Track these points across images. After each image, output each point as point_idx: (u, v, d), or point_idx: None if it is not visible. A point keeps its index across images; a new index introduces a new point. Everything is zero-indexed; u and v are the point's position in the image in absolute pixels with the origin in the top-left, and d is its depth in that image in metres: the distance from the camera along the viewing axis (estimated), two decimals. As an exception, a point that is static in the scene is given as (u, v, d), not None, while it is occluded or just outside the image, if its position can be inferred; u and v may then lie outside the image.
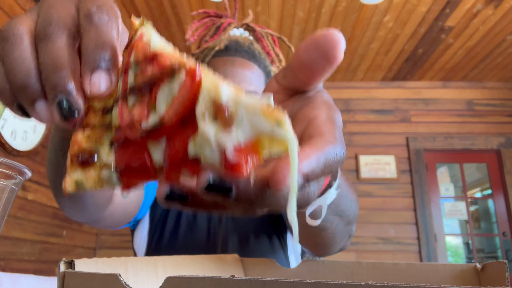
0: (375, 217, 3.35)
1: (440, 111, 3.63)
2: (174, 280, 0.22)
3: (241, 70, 0.70)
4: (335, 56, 0.22)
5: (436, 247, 3.28)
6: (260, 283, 0.20)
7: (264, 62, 0.76)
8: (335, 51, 0.22)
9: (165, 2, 2.61)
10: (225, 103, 0.16)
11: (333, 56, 0.22)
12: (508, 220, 3.34)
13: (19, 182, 0.42)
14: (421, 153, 3.49)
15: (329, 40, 0.21)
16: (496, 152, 3.50)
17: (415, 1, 2.59)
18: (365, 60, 3.36)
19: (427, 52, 3.19)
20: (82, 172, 0.20)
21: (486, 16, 2.72)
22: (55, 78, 0.20)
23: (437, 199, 3.43)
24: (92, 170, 0.20)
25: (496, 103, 3.63)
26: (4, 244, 2.14)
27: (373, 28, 2.89)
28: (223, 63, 0.71)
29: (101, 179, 0.20)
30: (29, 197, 2.35)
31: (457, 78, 3.64)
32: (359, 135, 3.59)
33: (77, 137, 0.21)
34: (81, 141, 0.21)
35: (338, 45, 0.22)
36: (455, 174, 3.81)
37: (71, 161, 0.20)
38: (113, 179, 0.20)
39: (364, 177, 3.44)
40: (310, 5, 2.64)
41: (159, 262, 0.37)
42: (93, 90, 0.20)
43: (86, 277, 0.26)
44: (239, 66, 0.71)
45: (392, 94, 3.70)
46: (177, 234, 0.72)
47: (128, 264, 0.33)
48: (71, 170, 0.20)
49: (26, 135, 2.28)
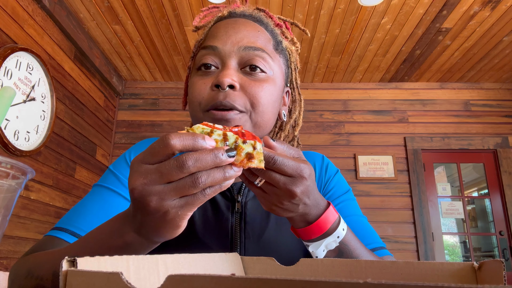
0: (373, 216, 3.38)
1: (437, 111, 3.66)
2: (175, 278, 0.23)
3: (244, 28, 0.65)
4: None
5: (433, 245, 3.31)
6: (260, 281, 0.20)
7: (272, 29, 0.70)
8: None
9: (166, 4, 2.63)
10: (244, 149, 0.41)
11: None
12: (505, 219, 3.38)
13: (23, 182, 0.42)
14: (419, 153, 3.53)
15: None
16: (492, 152, 3.53)
17: (413, 3, 2.61)
18: (363, 62, 3.38)
19: (424, 53, 3.22)
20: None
21: (482, 18, 2.75)
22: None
23: (434, 198, 3.47)
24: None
25: (493, 104, 3.67)
26: (7, 243, 2.16)
27: (371, 29, 2.92)
28: (224, 24, 0.67)
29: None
30: (32, 197, 2.37)
31: (454, 79, 3.67)
32: (358, 136, 3.62)
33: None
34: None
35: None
36: (452, 174, 3.84)
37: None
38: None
39: (362, 176, 3.47)
40: (309, 7, 2.67)
41: (160, 261, 0.37)
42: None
43: (88, 276, 0.26)
44: (242, 25, 0.66)
45: (390, 95, 3.73)
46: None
47: (129, 263, 0.33)
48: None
49: (29, 135, 2.29)
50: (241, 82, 0.62)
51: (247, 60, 0.63)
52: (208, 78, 0.63)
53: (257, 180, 0.46)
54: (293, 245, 0.69)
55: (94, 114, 3.22)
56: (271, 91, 0.64)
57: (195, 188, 0.37)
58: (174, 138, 0.37)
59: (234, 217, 0.68)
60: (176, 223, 0.39)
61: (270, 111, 0.64)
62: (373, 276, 0.43)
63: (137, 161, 0.38)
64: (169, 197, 0.37)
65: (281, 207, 0.48)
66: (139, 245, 0.43)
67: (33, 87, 2.33)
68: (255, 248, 0.67)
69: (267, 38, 0.67)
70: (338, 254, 0.54)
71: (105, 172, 0.69)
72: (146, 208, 0.37)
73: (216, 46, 0.64)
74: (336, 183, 0.75)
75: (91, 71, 3.15)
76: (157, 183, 0.37)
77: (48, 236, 0.59)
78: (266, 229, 0.68)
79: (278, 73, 0.67)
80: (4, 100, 0.47)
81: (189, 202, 0.37)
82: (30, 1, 2.32)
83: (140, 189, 0.37)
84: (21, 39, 2.24)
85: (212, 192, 0.38)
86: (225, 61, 0.63)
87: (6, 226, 0.42)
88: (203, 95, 0.62)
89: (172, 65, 3.47)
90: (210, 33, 0.68)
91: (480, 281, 0.39)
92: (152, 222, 0.39)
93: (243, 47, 0.63)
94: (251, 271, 0.50)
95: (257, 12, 0.72)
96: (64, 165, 2.73)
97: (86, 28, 2.91)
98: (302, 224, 0.52)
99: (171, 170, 0.36)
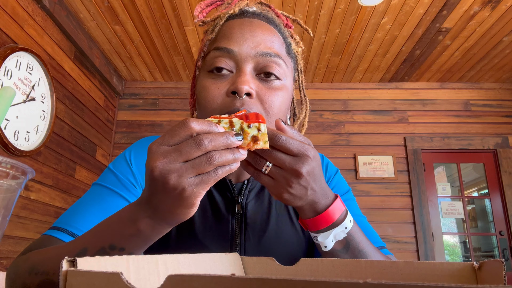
0: (373, 216, 3.38)
1: (437, 111, 3.66)
2: (175, 278, 0.23)
3: (260, 31, 0.63)
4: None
5: (433, 245, 3.31)
6: (260, 281, 0.20)
7: (284, 32, 0.69)
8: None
9: (166, 4, 2.63)
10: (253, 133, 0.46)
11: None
12: (505, 219, 3.38)
13: (23, 182, 0.42)
14: (419, 153, 3.53)
15: None
16: (492, 152, 3.53)
17: (413, 3, 2.61)
18: (363, 62, 3.38)
19: (424, 53, 3.22)
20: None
21: (483, 18, 2.75)
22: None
23: (434, 198, 3.47)
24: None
25: (493, 104, 3.67)
26: (7, 243, 2.16)
27: (371, 29, 2.92)
28: (239, 23, 0.64)
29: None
30: (32, 197, 2.37)
31: (454, 79, 3.67)
32: (358, 136, 3.62)
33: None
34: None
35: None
36: (452, 174, 3.84)
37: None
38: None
39: (363, 176, 3.47)
40: (309, 7, 2.67)
41: (160, 261, 0.37)
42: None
43: (88, 276, 0.26)
44: (258, 27, 0.64)
45: (390, 95, 3.73)
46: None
47: (129, 263, 0.33)
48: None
49: (28, 135, 2.29)
50: (257, 90, 0.61)
51: (263, 66, 0.62)
52: (221, 82, 0.61)
53: (264, 167, 0.49)
54: (293, 246, 0.69)
55: (94, 114, 3.22)
56: (284, 99, 0.63)
57: (210, 165, 0.41)
58: (193, 121, 0.41)
59: (234, 219, 0.68)
60: (191, 201, 0.42)
61: (281, 115, 0.64)
62: (373, 276, 0.43)
63: (156, 144, 0.42)
64: (187, 174, 0.40)
65: (290, 192, 0.49)
66: (152, 230, 0.45)
67: (33, 87, 2.33)
68: (255, 250, 0.67)
69: (281, 42, 0.66)
70: (345, 246, 0.55)
71: (105, 171, 0.68)
72: (165, 186, 0.40)
73: (232, 49, 0.61)
74: (337, 183, 0.76)
75: (91, 71, 3.15)
76: (176, 161, 0.40)
77: (46, 235, 0.58)
78: (267, 231, 0.68)
79: (290, 79, 0.66)
80: (4, 100, 0.47)
81: (204, 180, 0.41)
82: (30, 1, 2.32)
83: (161, 167, 0.40)
84: (21, 39, 2.24)
85: (223, 172, 0.42)
86: (241, 66, 0.61)
87: (6, 226, 0.42)
88: (218, 101, 0.60)
89: (172, 65, 3.47)
90: (223, 33, 0.65)
91: (480, 281, 0.39)
92: (168, 201, 0.42)
93: (260, 52, 0.61)
94: (251, 271, 0.50)
95: (267, 11, 0.70)
96: (64, 165, 2.73)
97: (86, 28, 2.91)
98: (311, 214, 0.53)
99: (190, 148, 0.40)
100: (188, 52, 3.24)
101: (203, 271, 0.44)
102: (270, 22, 0.67)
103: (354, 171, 3.51)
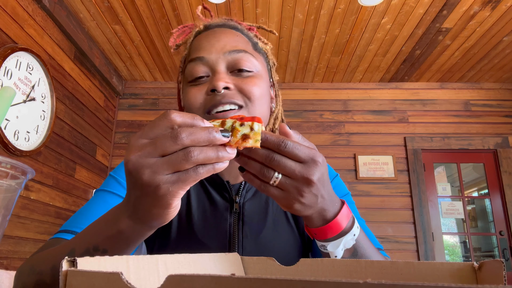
0: (373, 216, 3.38)
1: (437, 111, 3.66)
2: (175, 278, 0.23)
3: (224, 36, 0.70)
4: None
5: (433, 245, 3.31)
6: (260, 281, 0.20)
7: (247, 33, 0.75)
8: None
9: (166, 4, 2.63)
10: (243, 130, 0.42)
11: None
12: (505, 219, 3.38)
13: (23, 182, 0.42)
14: (419, 153, 3.53)
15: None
16: (492, 152, 3.53)
17: (413, 3, 2.61)
18: (363, 62, 3.38)
19: (424, 53, 3.22)
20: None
21: (483, 17, 2.75)
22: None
23: (434, 198, 3.47)
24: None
25: (493, 104, 3.67)
26: (7, 243, 2.16)
27: (371, 29, 2.92)
28: (205, 36, 0.71)
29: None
30: (32, 197, 2.37)
31: (454, 79, 3.67)
32: (358, 136, 3.62)
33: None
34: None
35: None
36: (452, 174, 3.84)
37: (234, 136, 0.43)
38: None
39: (363, 176, 3.47)
40: (309, 7, 2.67)
41: (160, 261, 0.37)
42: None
43: (88, 276, 0.26)
44: (222, 33, 0.71)
45: (390, 95, 3.73)
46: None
47: (129, 263, 0.33)
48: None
49: (29, 135, 2.29)
50: (234, 83, 0.66)
51: (233, 64, 0.67)
52: (201, 86, 0.67)
53: (273, 179, 0.45)
54: (289, 243, 0.72)
55: (94, 114, 3.22)
56: (261, 85, 0.68)
57: (187, 162, 0.37)
58: (175, 113, 0.39)
59: (232, 217, 0.71)
60: (167, 200, 0.39)
61: (264, 103, 0.69)
62: (373, 276, 0.43)
63: (136, 137, 0.40)
64: (161, 170, 0.37)
65: (301, 201, 0.46)
66: (132, 231, 0.43)
67: (33, 87, 2.33)
68: (253, 247, 0.69)
69: (245, 41, 0.72)
70: (353, 254, 0.53)
71: (106, 179, 0.72)
72: (138, 182, 0.38)
73: (203, 57, 0.68)
74: (336, 187, 0.77)
75: (91, 71, 3.15)
76: (151, 155, 0.37)
77: (54, 238, 0.60)
78: (264, 229, 0.71)
79: (262, 70, 0.72)
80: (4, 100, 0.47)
81: (181, 179, 0.38)
82: (30, 1, 2.32)
83: (134, 161, 0.38)
84: (21, 39, 2.24)
85: (205, 171, 0.39)
86: (214, 68, 0.67)
87: (6, 226, 0.42)
88: (200, 101, 0.66)
89: (172, 65, 3.47)
90: (193, 47, 0.72)
91: (480, 281, 0.38)
92: (144, 199, 0.39)
93: (227, 52, 0.67)
94: (251, 271, 0.50)
95: (229, 21, 0.77)
96: (64, 165, 2.73)
97: (86, 28, 2.91)
98: (320, 222, 0.51)
99: (165, 141, 0.37)
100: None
101: (203, 271, 0.44)
102: (232, 28, 0.74)
103: (354, 171, 3.51)
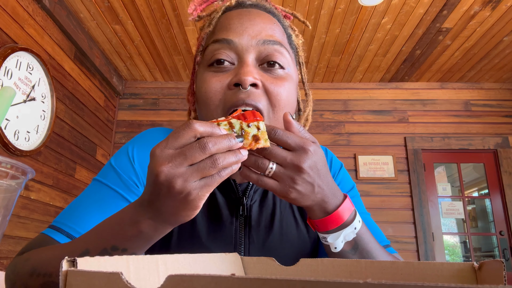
0: (374, 216, 3.36)
1: (437, 111, 3.66)
2: (175, 278, 0.23)
3: (260, 20, 0.61)
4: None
5: (433, 245, 3.31)
6: (260, 281, 0.20)
7: (284, 22, 0.67)
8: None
9: (166, 4, 2.63)
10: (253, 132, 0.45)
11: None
12: (505, 219, 3.38)
13: (23, 182, 0.42)
14: (419, 153, 3.53)
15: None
16: (493, 152, 3.53)
17: (413, 3, 2.61)
18: (363, 62, 3.38)
19: (424, 53, 3.22)
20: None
21: (483, 17, 2.74)
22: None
23: (434, 198, 3.47)
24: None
25: (493, 104, 3.67)
26: (7, 243, 2.16)
27: (372, 29, 2.91)
28: (237, 14, 0.62)
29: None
30: (32, 197, 2.37)
31: (454, 79, 3.67)
32: (358, 136, 3.62)
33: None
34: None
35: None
36: (453, 173, 3.84)
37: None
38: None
39: (363, 176, 3.47)
40: (309, 7, 2.67)
41: (160, 261, 0.37)
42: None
43: (88, 276, 0.26)
44: (258, 16, 0.61)
45: (390, 95, 3.73)
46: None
47: (129, 263, 0.33)
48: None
49: (29, 135, 2.29)
50: (262, 80, 0.58)
51: (266, 55, 0.59)
52: (223, 75, 0.59)
53: (268, 170, 0.48)
54: (298, 247, 0.68)
55: (94, 114, 3.22)
56: (290, 89, 0.61)
57: (214, 168, 0.41)
58: (196, 123, 0.41)
59: (238, 221, 0.66)
60: (196, 203, 0.42)
61: (288, 110, 0.61)
62: (373, 276, 0.43)
63: (160, 147, 0.41)
64: (192, 178, 0.40)
65: (297, 189, 0.48)
66: (154, 231, 0.45)
67: (33, 87, 2.33)
68: (260, 253, 0.65)
69: (282, 31, 0.64)
70: (354, 246, 0.54)
71: (106, 166, 0.65)
72: (170, 191, 0.40)
73: (231, 40, 0.59)
74: (342, 179, 0.74)
75: (91, 71, 3.15)
76: (182, 165, 0.40)
77: (44, 234, 0.57)
78: (271, 233, 0.66)
79: (293, 69, 0.64)
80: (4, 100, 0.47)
81: (208, 183, 0.41)
82: (30, 1, 2.32)
83: (166, 172, 0.40)
84: (21, 39, 2.24)
85: (226, 174, 0.42)
86: (242, 57, 0.59)
87: (6, 226, 0.42)
88: (219, 96, 0.59)
89: (172, 65, 3.47)
90: (220, 24, 0.62)
91: (480, 281, 0.38)
92: (173, 205, 0.42)
93: (262, 40, 0.59)
94: (251, 271, 0.50)
95: (265, 2, 0.68)
96: (64, 165, 2.73)
97: (86, 28, 2.91)
98: (321, 214, 0.52)
99: (195, 151, 0.40)
100: (189, 52, 3.24)
101: (203, 271, 0.44)
102: (269, 12, 0.65)
103: (354, 171, 3.51)
